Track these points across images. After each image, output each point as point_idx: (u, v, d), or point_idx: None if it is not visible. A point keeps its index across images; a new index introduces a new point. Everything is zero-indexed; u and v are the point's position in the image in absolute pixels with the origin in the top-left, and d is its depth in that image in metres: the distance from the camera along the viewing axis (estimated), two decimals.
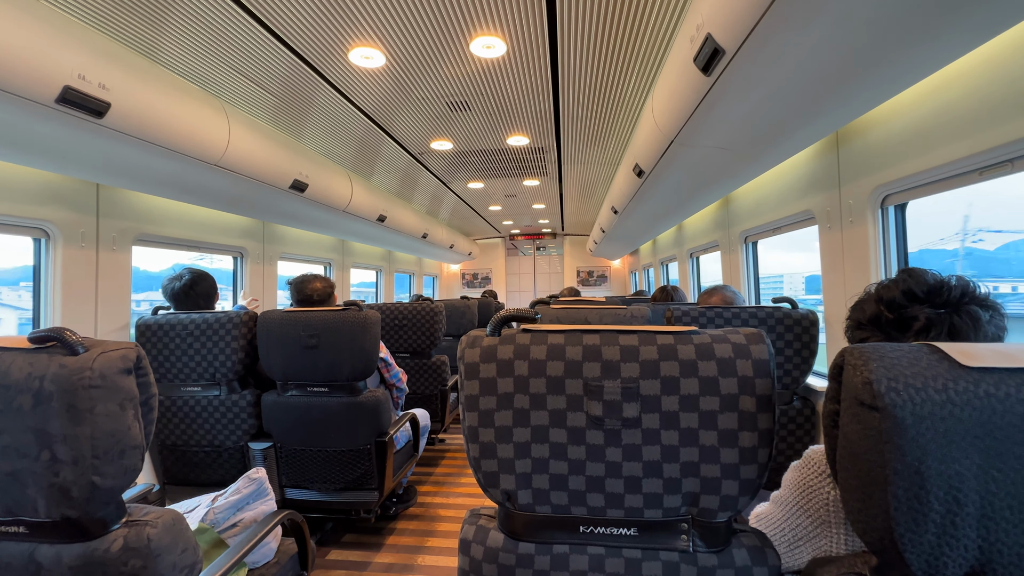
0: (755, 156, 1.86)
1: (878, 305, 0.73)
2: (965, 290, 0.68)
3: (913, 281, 0.71)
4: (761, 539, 0.70)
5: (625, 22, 1.67)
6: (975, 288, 0.69)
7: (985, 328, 0.67)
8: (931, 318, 0.68)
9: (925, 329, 0.68)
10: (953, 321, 0.67)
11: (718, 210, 3.18)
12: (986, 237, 1.60)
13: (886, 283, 0.74)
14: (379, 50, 1.84)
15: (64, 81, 1.32)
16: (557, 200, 5.15)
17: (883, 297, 0.73)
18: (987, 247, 1.61)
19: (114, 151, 1.67)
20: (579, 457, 0.68)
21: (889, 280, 0.75)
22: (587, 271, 7.98)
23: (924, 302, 0.69)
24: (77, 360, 0.74)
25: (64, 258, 2.01)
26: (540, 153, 3.36)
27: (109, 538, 0.77)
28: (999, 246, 1.58)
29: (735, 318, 1.70)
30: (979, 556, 0.49)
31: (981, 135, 1.20)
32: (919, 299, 0.70)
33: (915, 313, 0.69)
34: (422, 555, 2.10)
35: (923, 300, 0.69)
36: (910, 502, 0.49)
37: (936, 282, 0.70)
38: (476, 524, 0.76)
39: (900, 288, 0.71)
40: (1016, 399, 0.48)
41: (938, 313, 0.68)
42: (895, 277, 0.74)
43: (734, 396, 0.65)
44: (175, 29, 1.61)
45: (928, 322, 0.68)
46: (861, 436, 0.51)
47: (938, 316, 0.68)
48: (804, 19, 0.97)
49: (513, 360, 0.70)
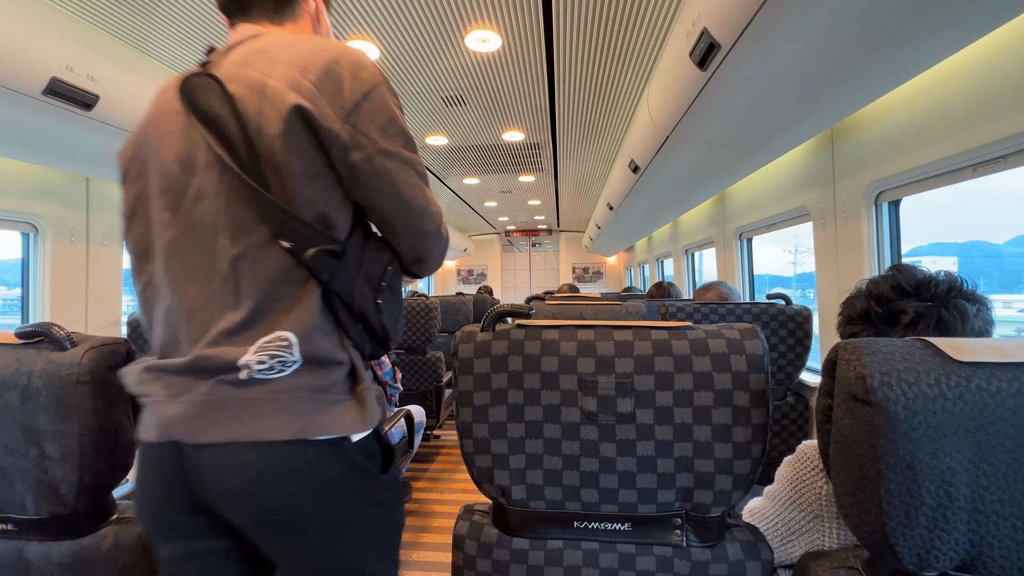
0: (750, 152, 1.86)
1: (868, 300, 0.75)
2: (952, 285, 0.70)
3: (902, 276, 0.73)
4: (754, 533, 0.70)
5: (621, 16, 1.67)
6: (962, 283, 0.71)
7: (972, 321, 0.68)
8: (919, 311, 0.69)
9: (913, 323, 0.70)
10: (941, 314, 0.68)
11: (713, 206, 3.18)
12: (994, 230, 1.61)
13: (876, 279, 0.76)
14: (373, 44, 1.82)
15: (51, 73, 1.30)
16: (553, 196, 5.14)
17: (872, 292, 0.75)
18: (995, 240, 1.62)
19: (104, 144, 1.64)
20: (573, 452, 0.68)
21: (879, 276, 0.77)
22: (582, 267, 7.98)
23: (912, 296, 0.71)
24: (65, 356, 0.73)
25: (53, 253, 1.99)
26: (536, 149, 3.35)
27: (99, 535, 0.76)
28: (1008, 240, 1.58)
29: (730, 314, 1.70)
30: (970, 549, 0.50)
31: (974, 131, 1.21)
32: (907, 294, 0.71)
33: (903, 307, 0.71)
34: (417, 551, 2.10)
35: (911, 295, 0.71)
36: (902, 496, 0.49)
37: (924, 277, 0.72)
38: (470, 520, 0.76)
39: (889, 283, 0.73)
40: (1007, 393, 0.48)
41: (926, 306, 0.69)
42: (884, 273, 0.76)
43: (728, 391, 0.65)
44: (165, 20, 1.59)
45: (916, 316, 0.69)
46: (854, 430, 0.52)
47: (926, 309, 0.69)
48: (799, 15, 0.97)
49: (507, 355, 0.70)
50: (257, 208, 0.62)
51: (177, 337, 0.66)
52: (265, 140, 0.61)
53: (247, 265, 0.63)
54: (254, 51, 0.66)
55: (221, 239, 0.64)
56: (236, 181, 0.62)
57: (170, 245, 0.66)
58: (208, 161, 0.64)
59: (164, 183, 0.66)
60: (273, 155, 0.62)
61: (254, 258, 0.63)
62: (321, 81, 0.63)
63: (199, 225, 0.64)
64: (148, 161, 0.69)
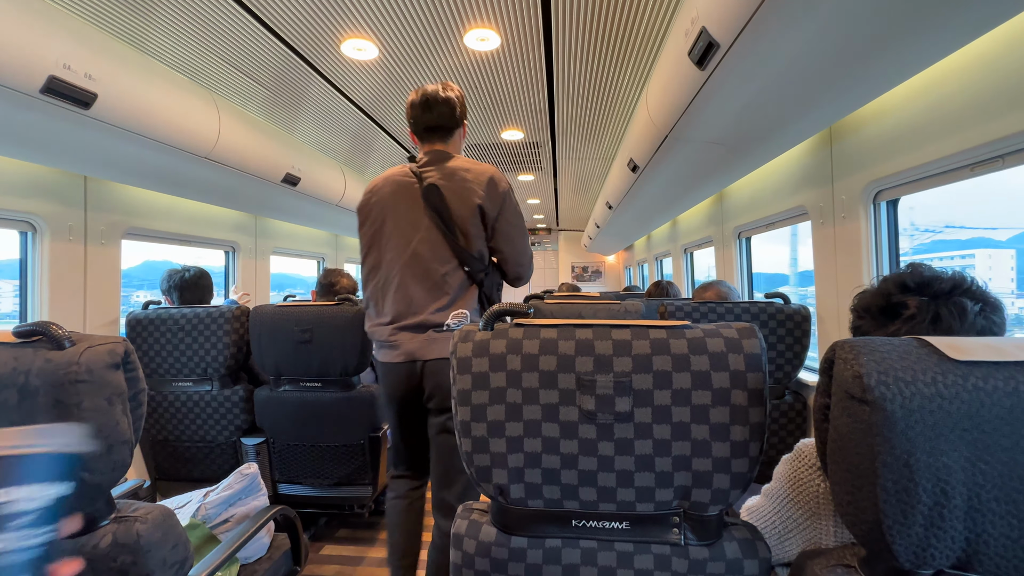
0: (749, 151, 1.86)
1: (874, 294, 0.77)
2: (957, 283, 0.71)
3: (908, 273, 0.74)
4: (752, 532, 0.71)
5: (620, 15, 1.67)
6: (971, 282, 0.71)
7: (973, 320, 0.68)
8: (919, 306, 0.70)
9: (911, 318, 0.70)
10: (939, 311, 0.69)
11: (712, 206, 3.19)
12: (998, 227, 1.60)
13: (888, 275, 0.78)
14: (372, 42, 1.82)
15: (49, 71, 1.30)
16: (552, 195, 5.14)
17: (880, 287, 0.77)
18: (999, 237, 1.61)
19: (102, 143, 1.64)
20: (571, 451, 0.68)
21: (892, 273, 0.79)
22: (581, 267, 7.98)
23: (915, 292, 0.71)
24: (63, 354, 0.73)
25: (51, 252, 1.98)
26: (535, 148, 3.34)
27: (98, 534, 0.76)
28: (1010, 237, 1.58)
29: (728, 313, 1.70)
30: (965, 547, 0.50)
31: (972, 131, 1.21)
32: (910, 289, 0.72)
33: (902, 301, 0.71)
34: None
35: (914, 290, 0.72)
36: (899, 494, 0.49)
37: (931, 275, 0.73)
38: (469, 518, 0.76)
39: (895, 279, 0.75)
40: (1004, 392, 0.48)
41: (924, 302, 0.70)
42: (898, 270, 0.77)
43: (726, 390, 0.65)
44: (164, 18, 1.59)
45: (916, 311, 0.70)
46: (851, 429, 0.52)
47: (924, 305, 0.70)
48: (798, 14, 0.97)
49: (506, 354, 0.70)
50: (452, 250, 1.36)
51: (405, 312, 1.36)
52: (459, 219, 1.35)
53: (448, 278, 1.36)
54: (452, 170, 1.37)
55: (434, 264, 1.35)
56: (443, 237, 1.35)
57: (403, 265, 1.37)
58: (428, 225, 1.36)
59: (400, 231, 1.38)
60: (464, 225, 1.35)
61: (452, 275, 1.37)
62: (486, 190, 1.36)
63: (419, 256, 1.36)
64: (386, 216, 1.40)
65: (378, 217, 1.40)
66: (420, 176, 1.36)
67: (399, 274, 1.36)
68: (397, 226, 1.36)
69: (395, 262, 1.37)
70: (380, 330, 1.40)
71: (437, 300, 1.34)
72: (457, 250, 1.34)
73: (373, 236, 1.41)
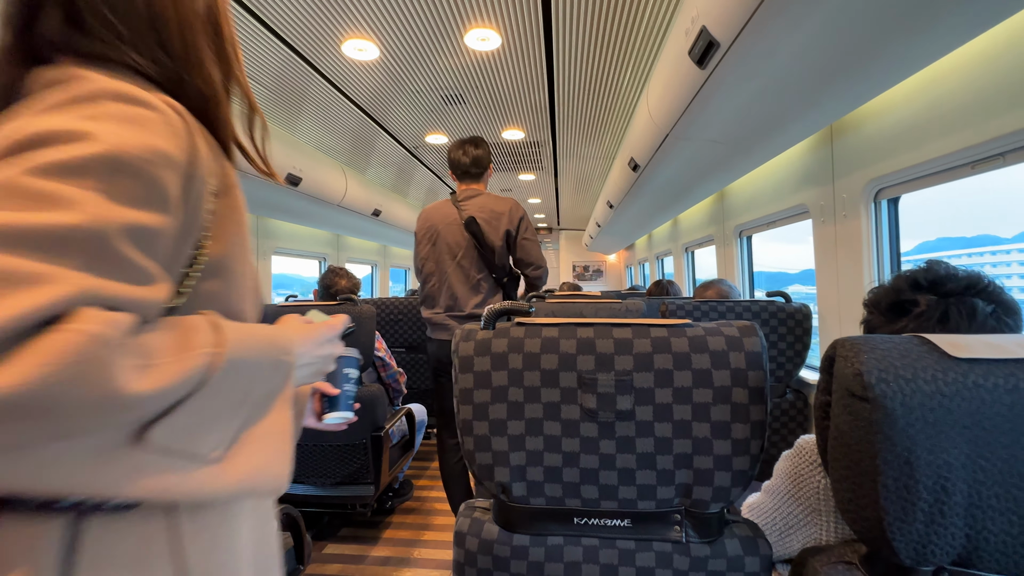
0: (750, 150, 1.86)
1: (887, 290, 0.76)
2: (971, 283, 0.69)
3: (922, 271, 0.73)
4: (753, 529, 0.71)
5: (620, 14, 1.67)
6: (987, 283, 0.69)
7: (983, 321, 0.67)
8: (929, 304, 0.69)
9: (919, 316, 0.69)
10: (948, 310, 0.68)
11: (713, 204, 3.18)
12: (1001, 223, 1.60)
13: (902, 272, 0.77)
14: (372, 42, 1.82)
15: None
16: (553, 194, 5.14)
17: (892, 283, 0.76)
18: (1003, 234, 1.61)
19: None
20: (573, 449, 0.68)
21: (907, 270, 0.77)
22: (583, 266, 7.98)
23: (927, 290, 0.70)
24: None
25: None
26: (535, 147, 3.34)
27: None
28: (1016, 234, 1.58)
29: (729, 312, 1.71)
30: (966, 544, 0.50)
31: (973, 129, 1.21)
32: (922, 287, 0.71)
33: (915, 298, 0.70)
34: (418, 548, 2.11)
35: (926, 288, 0.71)
36: (899, 491, 0.49)
37: (945, 273, 0.71)
38: (471, 517, 0.76)
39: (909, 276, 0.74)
40: (1004, 390, 0.48)
41: (932, 300, 0.69)
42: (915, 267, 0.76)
43: (727, 388, 0.65)
44: None
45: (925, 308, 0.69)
46: (852, 427, 0.52)
47: (933, 303, 0.69)
48: (798, 12, 0.97)
49: (507, 353, 0.70)
50: (486, 263, 1.88)
51: (455, 306, 1.87)
52: (490, 242, 1.85)
53: (481, 283, 1.88)
54: (484, 203, 1.88)
55: (472, 272, 1.88)
56: (478, 253, 1.87)
57: (451, 272, 1.88)
58: (468, 246, 1.86)
59: (449, 250, 1.88)
60: (493, 246, 1.86)
61: (484, 280, 1.89)
62: (510, 220, 1.88)
63: (462, 267, 1.88)
64: (437, 238, 1.90)
65: (432, 238, 1.92)
66: (460, 208, 1.89)
67: (449, 278, 1.90)
68: (447, 244, 1.89)
69: (445, 270, 1.90)
70: (436, 316, 1.92)
71: (474, 297, 1.88)
72: (488, 263, 1.88)
73: (429, 251, 1.93)
